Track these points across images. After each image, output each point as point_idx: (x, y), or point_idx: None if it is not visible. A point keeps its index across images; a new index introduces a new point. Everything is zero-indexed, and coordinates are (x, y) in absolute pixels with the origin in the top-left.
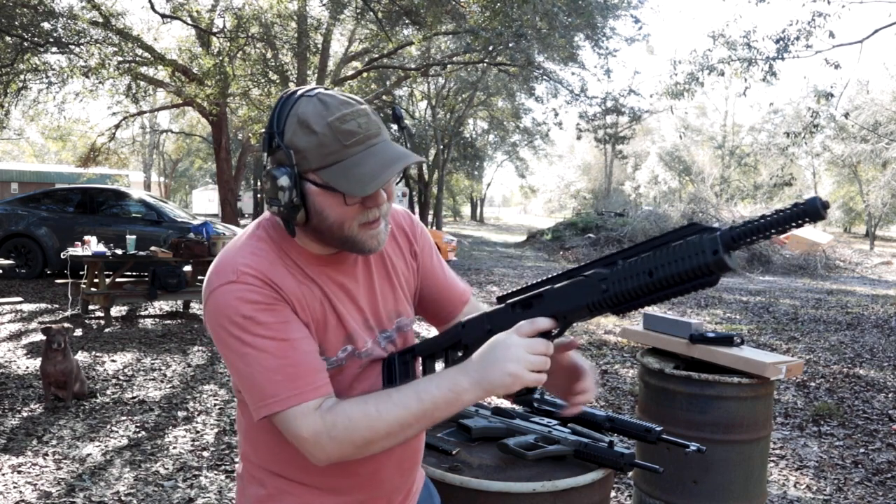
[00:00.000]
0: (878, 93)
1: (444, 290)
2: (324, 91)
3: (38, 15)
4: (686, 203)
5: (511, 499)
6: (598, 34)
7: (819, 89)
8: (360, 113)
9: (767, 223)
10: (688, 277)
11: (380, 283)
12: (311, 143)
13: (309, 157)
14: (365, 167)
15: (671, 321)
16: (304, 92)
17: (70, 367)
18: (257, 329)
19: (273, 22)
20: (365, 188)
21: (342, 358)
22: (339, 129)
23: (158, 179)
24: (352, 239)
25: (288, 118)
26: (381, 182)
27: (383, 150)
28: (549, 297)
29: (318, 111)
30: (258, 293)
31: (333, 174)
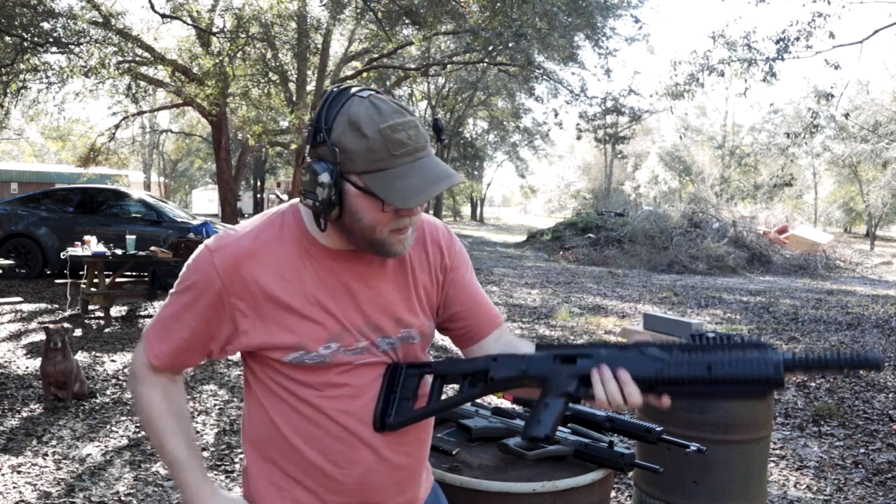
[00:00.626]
0: (878, 93)
1: (473, 309)
2: (376, 95)
3: (38, 15)
4: (686, 203)
5: (511, 499)
6: (597, 34)
7: (819, 89)
8: (411, 124)
9: (828, 362)
10: (744, 382)
11: (392, 290)
12: (360, 146)
13: (355, 160)
14: (410, 180)
15: (671, 321)
16: (357, 91)
17: (70, 368)
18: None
19: (273, 22)
20: (407, 201)
21: (325, 354)
22: (390, 137)
23: (158, 179)
24: (380, 242)
25: (338, 116)
26: (424, 198)
27: (429, 166)
28: (597, 358)
29: (371, 115)
30: (208, 273)
31: (377, 181)
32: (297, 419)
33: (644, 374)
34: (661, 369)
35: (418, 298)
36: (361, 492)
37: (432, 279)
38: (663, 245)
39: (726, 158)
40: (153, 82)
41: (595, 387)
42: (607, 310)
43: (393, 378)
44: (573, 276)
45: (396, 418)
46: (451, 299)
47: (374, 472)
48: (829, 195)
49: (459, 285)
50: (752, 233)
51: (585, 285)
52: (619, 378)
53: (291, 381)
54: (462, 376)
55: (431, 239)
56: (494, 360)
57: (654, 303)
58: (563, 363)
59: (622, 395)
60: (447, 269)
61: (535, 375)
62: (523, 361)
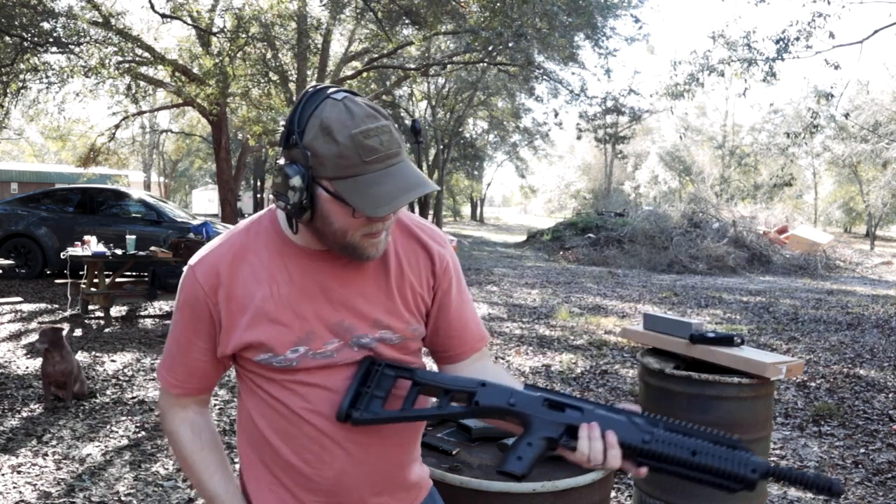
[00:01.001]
0: (878, 93)
1: (460, 327)
2: (350, 97)
3: (38, 15)
4: (686, 203)
5: (511, 499)
6: (598, 34)
7: (819, 89)
8: (384, 129)
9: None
10: (721, 475)
11: (371, 290)
12: (332, 151)
13: (326, 165)
14: (381, 187)
15: (671, 321)
16: (332, 93)
17: (69, 368)
18: (178, 314)
19: (273, 22)
20: (378, 209)
21: (292, 358)
22: (362, 143)
23: (158, 179)
24: (352, 246)
25: (311, 119)
26: (394, 207)
27: (401, 173)
28: (588, 414)
29: (343, 120)
30: (193, 287)
31: (348, 187)
32: (274, 417)
33: (631, 441)
34: (648, 441)
35: (403, 300)
36: (335, 492)
37: (423, 283)
38: (663, 245)
39: (726, 158)
40: (153, 82)
41: (581, 441)
42: (607, 310)
43: (368, 373)
44: (573, 276)
45: (364, 415)
46: (439, 311)
47: (348, 474)
48: (829, 195)
49: (448, 298)
50: (752, 233)
51: (585, 285)
52: (606, 439)
53: (265, 381)
54: (444, 391)
55: (425, 243)
56: (483, 385)
57: (654, 303)
58: (552, 408)
59: (605, 455)
60: (438, 277)
61: (522, 413)
62: (513, 396)
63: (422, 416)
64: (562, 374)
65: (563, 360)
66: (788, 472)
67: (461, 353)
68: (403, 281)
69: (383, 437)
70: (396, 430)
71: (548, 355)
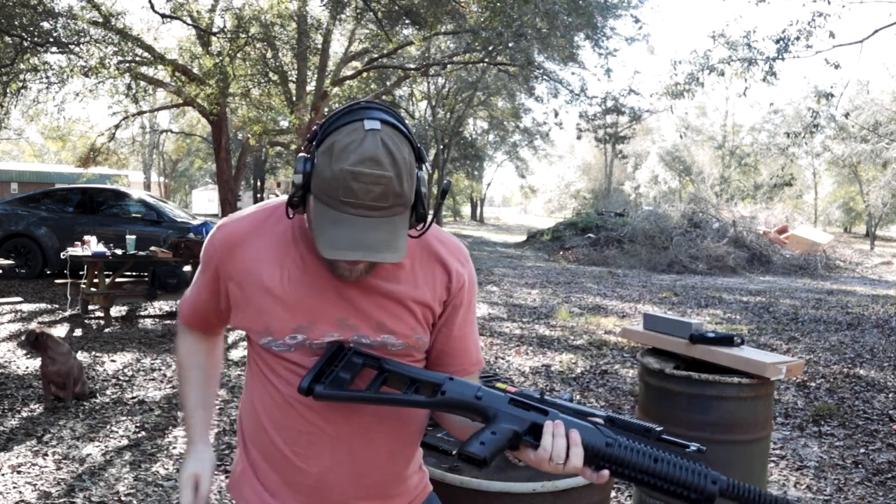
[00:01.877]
0: (878, 93)
1: (460, 349)
2: (377, 132)
3: (38, 15)
4: (686, 203)
5: (511, 499)
6: (598, 34)
7: (819, 89)
8: (378, 180)
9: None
10: (682, 485)
11: (380, 294)
12: (324, 173)
13: (316, 182)
14: (339, 231)
15: (671, 321)
16: (366, 118)
17: (66, 368)
18: (201, 263)
19: (273, 22)
20: (322, 248)
21: (290, 345)
22: (347, 183)
23: (158, 179)
24: (327, 261)
25: (333, 133)
26: (337, 256)
27: (365, 229)
28: (552, 416)
29: (348, 151)
30: (211, 246)
31: (319, 213)
32: (270, 405)
33: (594, 443)
34: (611, 444)
35: (411, 309)
36: (319, 489)
37: (435, 296)
38: (663, 245)
39: (726, 158)
40: (153, 82)
41: (545, 437)
42: (607, 310)
43: (336, 355)
44: (573, 276)
45: (327, 390)
46: (442, 326)
47: (332, 471)
48: (829, 195)
49: (455, 315)
50: (752, 233)
51: (585, 285)
52: (569, 437)
53: (266, 366)
54: (410, 381)
55: (444, 260)
56: (451, 378)
57: (654, 303)
58: (517, 407)
59: (567, 453)
60: (452, 294)
61: (487, 407)
62: (479, 391)
63: (384, 399)
64: (562, 374)
65: (563, 360)
66: (749, 492)
67: (453, 371)
68: (415, 291)
69: (371, 440)
70: (386, 436)
71: (548, 355)
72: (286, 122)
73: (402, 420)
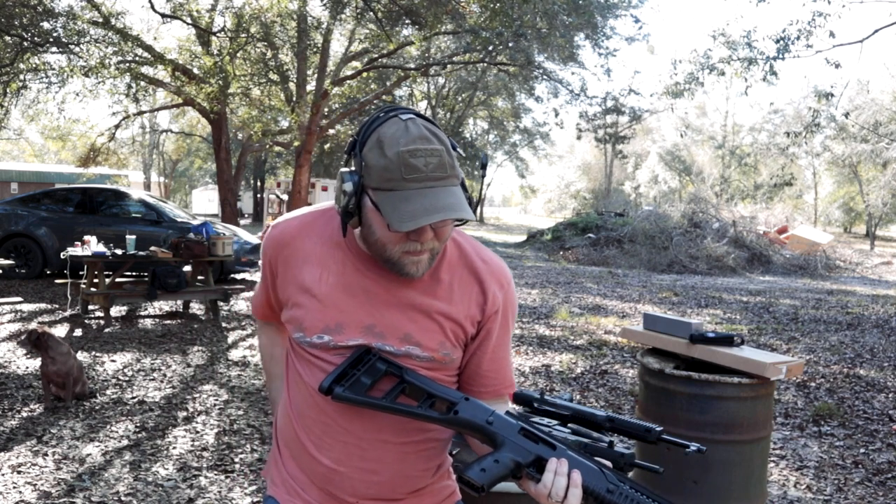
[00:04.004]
0: (878, 93)
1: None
2: (415, 119)
3: (38, 15)
4: (686, 203)
5: (511, 499)
6: (598, 34)
7: (819, 89)
8: (433, 153)
9: None
10: None
11: (412, 307)
12: (379, 163)
13: (373, 175)
14: (411, 205)
15: (671, 321)
16: (399, 112)
17: (66, 368)
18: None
19: (273, 21)
20: (400, 224)
21: (317, 344)
22: (406, 160)
23: (158, 179)
24: (392, 260)
25: (372, 133)
26: (417, 224)
27: (435, 196)
28: (559, 451)
29: (397, 136)
30: (269, 244)
31: (385, 199)
32: (296, 395)
33: (594, 487)
34: (612, 491)
35: (441, 325)
36: (331, 479)
37: (468, 315)
38: (663, 245)
39: (726, 158)
40: (153, 82)
41: (547, 473)
42: (607, 310)
43: (360, 358)
44: (573, 276)
45: (346, 392)
46: (476, 347)
47: (343, 465)
48: (829, 195)
49: (489, 339)
50: (752, 233)
51: (585, 285)
52: (571, 477)
53: (296, 357)
54: (427, 395)
55: (482, 279)
56: (466, 399)
57: (654, 303)
58: (526, 437)
59: (566, 493)
60: (486, 316)
61: (496, 433)
62: (492, 416)
63: (398, 409)
64: (562, 374)
65: (563, 360)
66: None
67: (484, 392)
68: (449, 307)
69: (383, 440)
70: (398, 438)
71: (548, 355)
72: (286, 122)
73: (417, 426)
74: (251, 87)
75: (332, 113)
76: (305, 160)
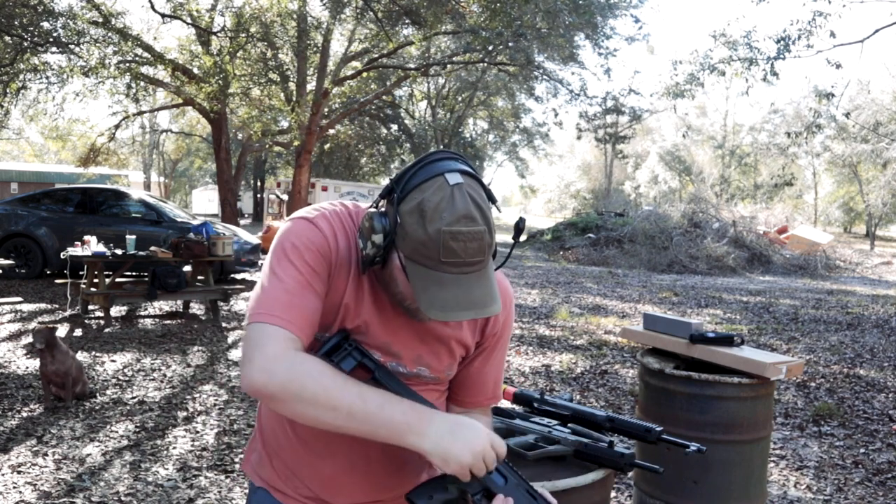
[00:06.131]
0: (878, 92)
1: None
2: (462, 186)
3: (37, 15)
4: (686, 203)
5: None
6: (598, 34)
7: (820, 89)
8: (474, 236)
9: None
10: None
11: (425, 330)
12: (417, 235)
13: (408, 243)
14: (444, 292)
15: (671, 321)
16: (448, 171)
17: (66, 368)
18: (296, 262)
19: (273, 21)
20: (432, 312)
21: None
22: (447, 243)
23: (158, 179)
24: (408, 309)
25: (415, 190)
26: (447, 318)
27: (469, 286)
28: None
29: (440, 210)
30: (316, 239)
31: (417, 274)
32: None
33: None
34: None
35: (448, 346)
36: (328, 488)
37: (470, 335)
38: (663, 245)
39: (726, 158)
40: (153, 82)
41: None
42: (607, 310)
43: (337, 346)
44: (573, 276)
45: None
46: (468, 364)
47: (346, 473)
48: (829, 195)
49: (483, 353)
50: (752, 233)
51: (585, 285)
52: None
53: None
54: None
55: None
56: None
57: (654, 303)
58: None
59: None
60: (486, 336)
61: None
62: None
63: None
64: (562, 374)
65: (563, 360)
66: None
67: (466, 401)
68: (459, 331)
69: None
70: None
71: (548, 355)
72: (286, 122)
73: None
74: (251, 86)
75: (332, 113)
76: (305, 160)
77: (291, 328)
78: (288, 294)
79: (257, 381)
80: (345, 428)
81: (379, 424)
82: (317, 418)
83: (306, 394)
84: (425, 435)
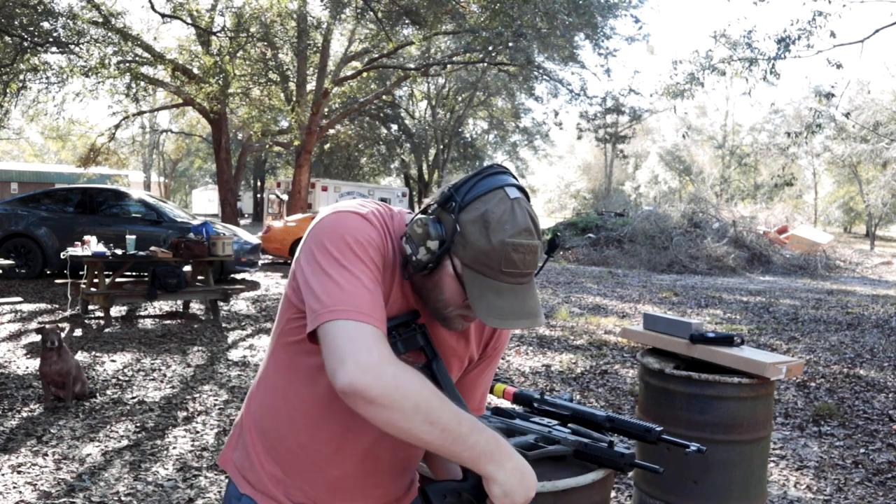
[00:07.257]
0: (878, 93)
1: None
2: (520, 200)
3: (38, 15)
4: (686, 203)
5: None
6: (598, 34)
7: (820, 89)
8: (531, 249)
9: None
10: None
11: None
12: (479, 244)
13: (468, 252)
14: (501, 301)
15: (671, 321)
16: (507, 185)
17: (67, 368)
18: (364, 258)
19: (273, 21)
20: (486, 319)
21: None
22: (509, 254)
23: (158, 179)
24: (445, 317)
25: (477, 201)
26: (504, 326)
27: (523, 296)
28: None
29: (503, 222)
30: (375, 236)
31: (474, 281)
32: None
33: None
34: None
35: (460, 360)
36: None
37: (475, 348)
38: (663, 245)
39: (726, 158)
40: (153, 82)
41: None
42: (607, 310)
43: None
44: (573, 276)
45: None
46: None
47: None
48: (829, 195)
49: (475, 367)
50: (752, 233)
51: (585, 285)
52: None
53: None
54: None
55: None
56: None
57: (654, 303)
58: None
59: None
60: (488, 350)
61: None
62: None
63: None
64: (562, 374)
65: (563, 360)
66: None
67: None
68: (468, 347)
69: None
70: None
71: (548, 355)
72: (286, 122)
73: None
74: (251, 86)
75: (332, 113)
76: (305, 160)
77: (383, 329)
78: (370, 292)
79: (360, 382)
80: (432, 444)
81: (466, 447)
82: (408, 429)
83: (408, 403)
84: (503, 468)
